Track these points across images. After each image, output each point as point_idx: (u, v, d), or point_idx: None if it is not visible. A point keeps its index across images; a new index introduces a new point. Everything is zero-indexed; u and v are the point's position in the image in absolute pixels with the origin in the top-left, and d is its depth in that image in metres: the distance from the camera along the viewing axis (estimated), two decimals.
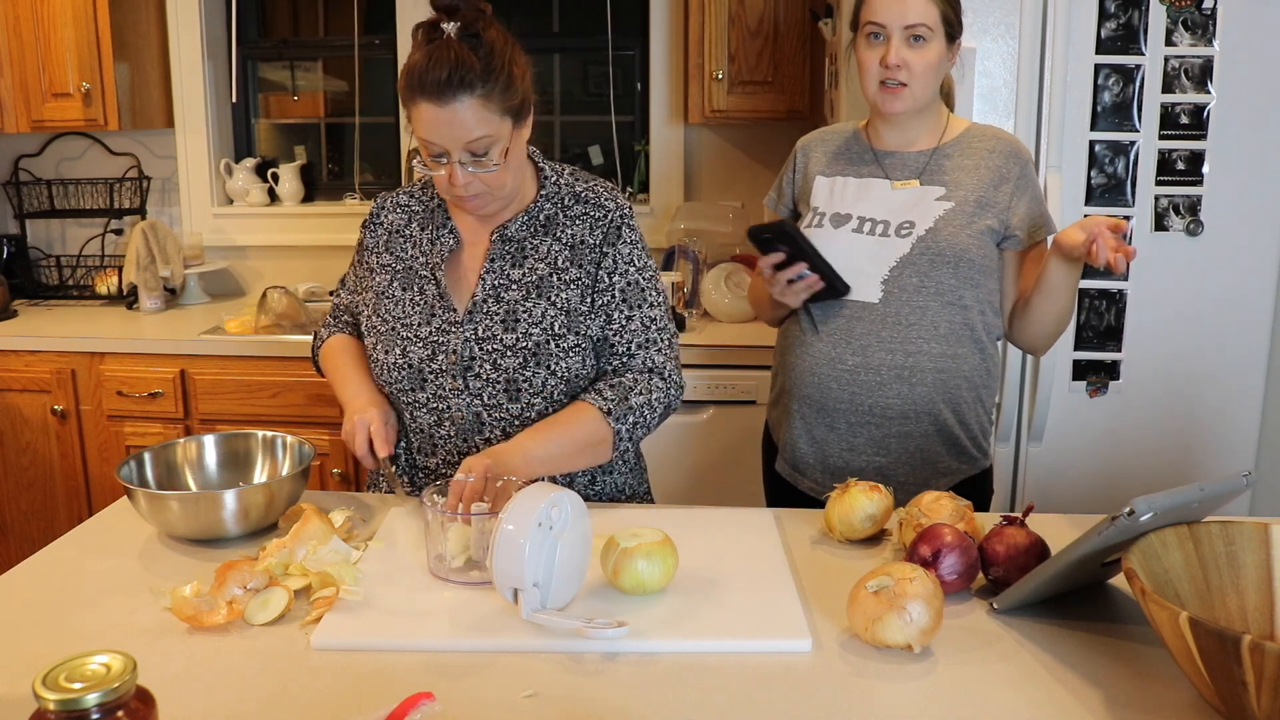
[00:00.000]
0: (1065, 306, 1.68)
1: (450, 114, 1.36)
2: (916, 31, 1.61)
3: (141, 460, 1.49)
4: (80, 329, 3.00)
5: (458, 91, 1.35)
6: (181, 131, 3.41)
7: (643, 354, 1.55)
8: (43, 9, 3.03)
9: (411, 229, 1.60)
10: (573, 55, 3.52)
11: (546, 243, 1.54)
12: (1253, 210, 2.27)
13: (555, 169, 1.59)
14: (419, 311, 1.54)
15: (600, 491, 1.62)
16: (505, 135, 1.41)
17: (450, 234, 1.56)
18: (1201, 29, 2.21)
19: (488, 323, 1.51)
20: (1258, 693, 0.87)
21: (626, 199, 1.60)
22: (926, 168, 1.70)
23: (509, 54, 1.41)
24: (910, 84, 1.64)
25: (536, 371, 1.50)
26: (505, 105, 1.40)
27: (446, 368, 1.51)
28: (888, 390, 1.68)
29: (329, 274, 3.38)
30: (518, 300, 1.51)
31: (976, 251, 1.65)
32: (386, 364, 1.54)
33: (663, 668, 1.07)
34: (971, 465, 1.75)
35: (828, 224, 1.73)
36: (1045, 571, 1.13)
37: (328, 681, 1.05)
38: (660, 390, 1.54)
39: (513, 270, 1.53)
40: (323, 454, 2.82)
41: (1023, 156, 1.70)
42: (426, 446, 1.58)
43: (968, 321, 1.68)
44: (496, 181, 1.44)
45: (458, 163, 1.40)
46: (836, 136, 1.82)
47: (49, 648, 1.12)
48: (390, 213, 1.63)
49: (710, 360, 2.71)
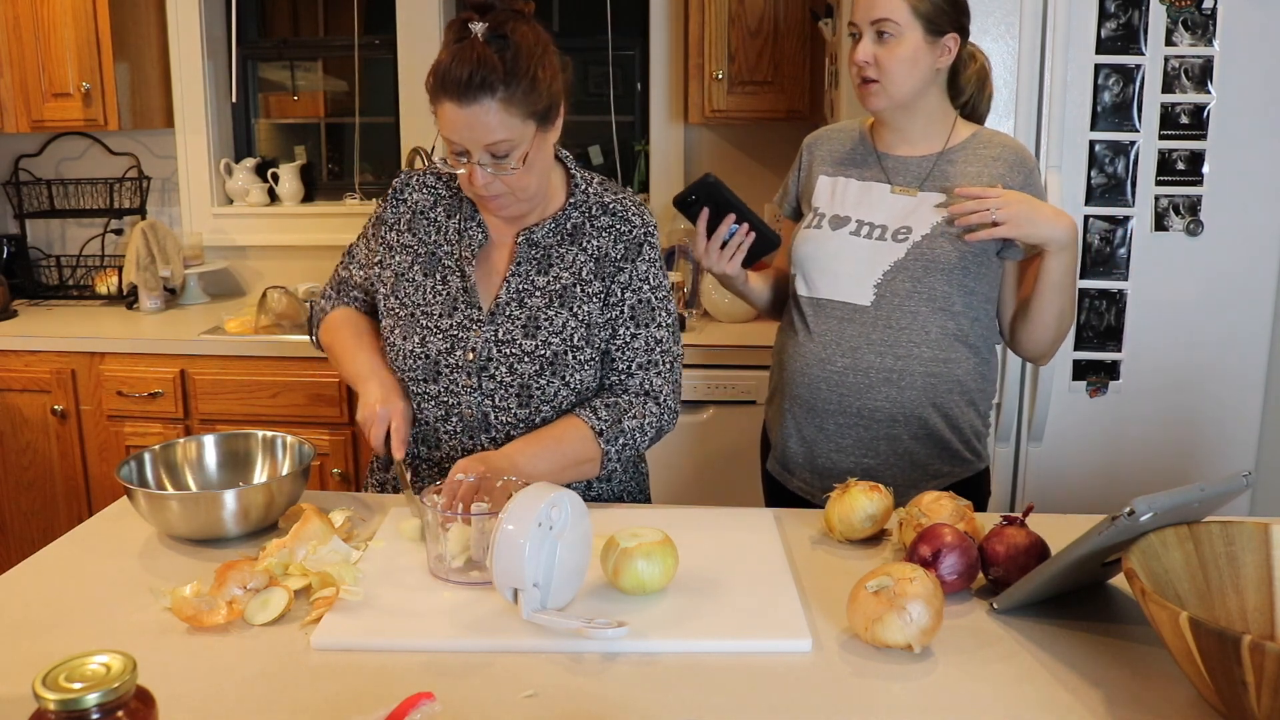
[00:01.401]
0: (1061, 308, 1.66)
1: (471, 115, 1.35)
2: (882, 27, 1.61)
3: (141, 460, 1.49)
4: (80, 329, 3.01)
5: (479, 93, 1.34)
6: (181, 131, 3.41)
7: (641, 375, 1.53)
8: (43, 9, 3.03)
9: (437, 213, 1.57)
10: (573, 55, 3.50)
11: (573, 252, 1.52)
12: (1253, 210, 2.27)
13: (586, 177, 1.57)
14: (441, 302, 1.52)
15: (599, 497, 1.61)
16: (527, 139, 1.40)
17: (480, 228, 1.54)
18: (1201, 29, 2.21)
19: (509, 326, 1.50)
20: (1258, 693, 0.87)
21: (652, 214, 1.58)
22: (930, 173, 1.70)
23: (538, 56, 1.39)
24: (881, 80, 1.63)
25: (551, 380, 1.49)
26: (528, 109, 1.38)
27: (463, 364, 1.50)
28: (876, 393, 1.68)
29: (329, 274, 3.37)
30: (540, 307, 1.50)
31: (972, 259, 1.65)
32: (404, 350, 1.52)
33: (663, 668, 1.07)
34: (964, 468, 1.75)
35: (826, 225, 1.73)
36: (1045, 571, 1.13)
37: (328, 681, 1.05)
38: (654, 415, 1.53)
39: (538, 277, 1.51)
40: (323, 454, 2.82)
41: (1028, 165, 1.68)
42: (431, 439, 1.56)
43: (960, 328, 1.67)
44: (518, 184, 1.42)
45: (478, 164, 1.40)
46: (842, 135, 1.82)
47: (49, 648, 1.12)
48: (416, 191, 1.59)
49: (710, 360, 2.71)
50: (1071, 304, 1.68)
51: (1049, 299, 1.65)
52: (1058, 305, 1.66)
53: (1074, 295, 1.68)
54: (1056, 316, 1.67)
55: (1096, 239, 2.31)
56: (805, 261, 1.73)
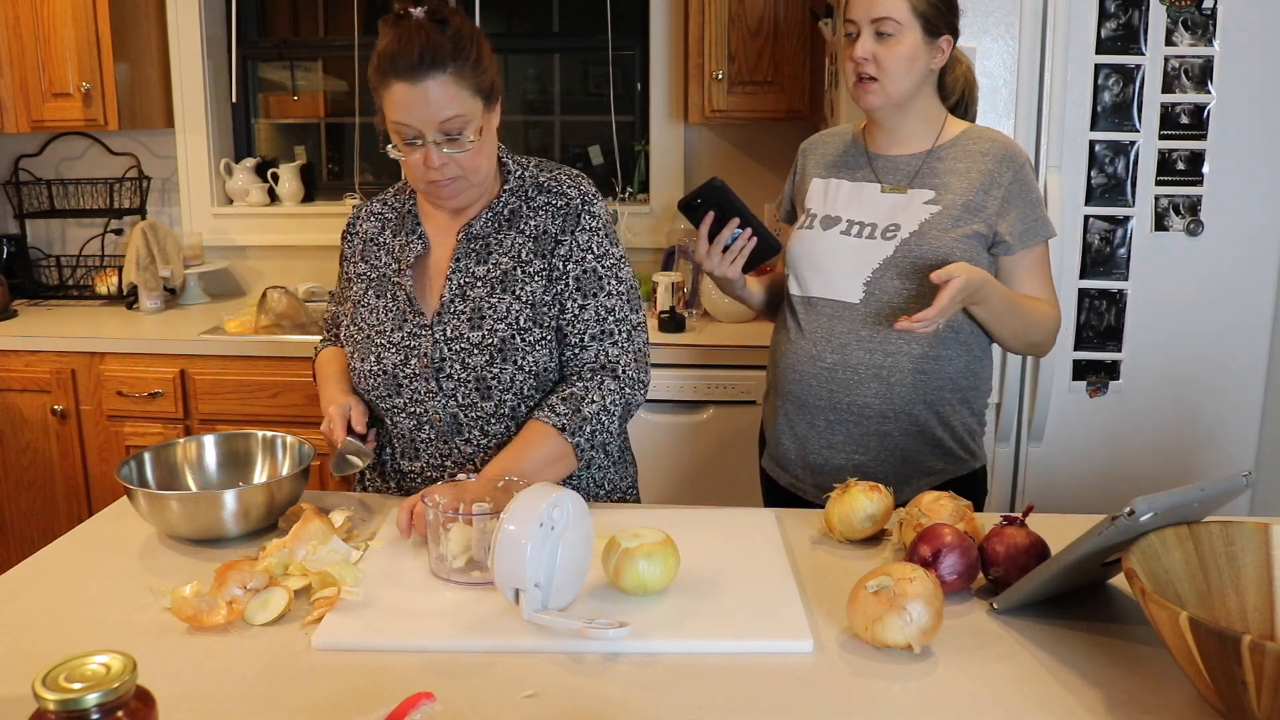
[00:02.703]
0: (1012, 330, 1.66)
1: (423, 92, 1.37)
2: (883, 26, 1.61)
3: (141, 460, 1.49)
4: (80, 329, 3.00)
5: (430, 70, 1.37)
6: (181, 131, 3.41)
7: (596, 346, 1.52)
8: (43, 9, 3.03)
9: (385, 236, 1.62)
10: (573, 55, 3.52)
11: (510, 236, 1.53)
12: (1253, 210, 2.28)
13: (520, 162, 1.58)
14: (391, 318, 1.55)
15: (578, 487, 1.60)
16: (478, 115, 1.42)
17: (419, 239, 1.57)
18: (1201, 29, 2.21)
19: (455, 323, 1.51)
20: (1258, 693, 0.87)
21: (592, 185, 1.58)
22: (920, 171, 1.70)
23: (476, 38, 1.43)
24: (880, 78, 1.63)
25: (504, 368, 1.50)
26: (476, 84, 1.41)
27: (419, 371, 1.52)
28: (865, 389, 1.68)
29: (329, 274, 3.38)
30: (483, 297, 1.51)
31: (961, 256, 1.64)
32: (363, 371, 1.56)
33: (664, 668, 1.07)
34: (958, 466, 1.74)
35: (818, 225, 1.74)
36: (1045, 571, 1.13)
37: (328, 681, 1.05)
38: (614, 391, 1.51)
39: (478, 267, 1.53)
40: (322, 454, 2.81)
41: (1018, 160, 1.68)
42: (409, 451, 1.59)
43: (951, 324, 1.67)
44: (471, 164, 1.44)
45: (432, 144, 1.41)
46: (836, 139, 1.83)
47: (49, 648, 1.12)
48: (365, 222, 1.65)
49: (709, 360, 2.71)
50: (1024, 322, 1.67)
51: (994, 328, 1.67)
52: (1008, 329, 1.66)
53: (1022, 315, 1.66)
54: (1012, 336, 1.68)
55: (1096, 239, 2.31)
56: (797, 261, 1.75)
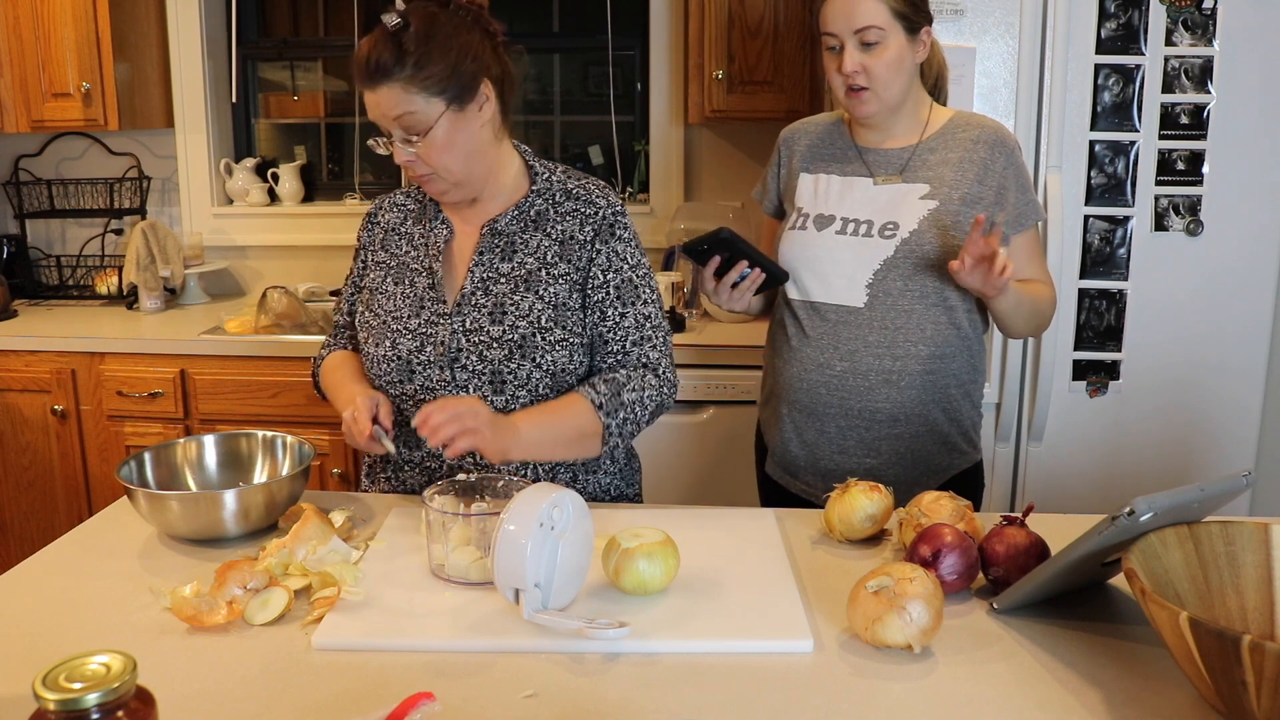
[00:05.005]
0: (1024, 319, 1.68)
1: (377, 96, 1.45)
2: (866, 36, 1.60)
3: (141, 460, 1.49)
4: (80, 329, 3.00)
5: (378, 78, 1.43)
6: (181, 131, 3.41)
7: (637, 351, 1.56)
8: (43, 9, 3.03)
9: (407, 226, 1.64)
10: (573, 55, 3.52)
11: (537, 238, 1.56)
12: (1253, 210, 2.28)
13: (548, 166, 1.61)
14: (409, 304, 1.56)
15: (583, 491, 1.60)
16: (433, 115, 1.44)
17: (443, 225, 1.59)
18: (1201, 29, 2.21)
19: (475, 315, 1.52)
20: (1258, 693, 0.87)
21: (619, 198, 1.62)
22: (909, 163, 1.69)
23: (444, 38, 1.44)
24: (873, 86, 1.63)
25: (521, 364, 1.51)
26: (430, 87, 1.44)
27: (434, 359, 1.52)
28: (876, 394, 1.68)
29: (329, 274, 3.38)
30: (506, 293, 1.53)
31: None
32: (376, 356, 1.56)
33: (664, 668, 1.07)
34: (963, 460, 1.75)
35: (811, 225, 1.72)
36: (1045, 571, 1.13)
37: (328, 681, 1.05)
38: (653, 388, 1.55)
39: (502, 264, 1.55)
40: (323, 454, 2.82)
41: (1008, 145, 1.68)
42: (411, 440, 1.58)
43: (954, 321, 1.67)
44: (436, 162, 1.47)
45: (398, 142, 1.47)
46: (819, 128, 1.81)
47: (49, 648, 1.12)
48: (387, 213, 1.67)
49: (709, 360, 2.71)
50: (1034, 308, 1.69)
51: (1009, 319, 1.67)
52: (1021, 317, 1.68)
53: (1032, 301, 1.68)
54: (1024, 324, 1.70)
55: (1096, 239, 2.31)
56: (793, 263, 1.73)
